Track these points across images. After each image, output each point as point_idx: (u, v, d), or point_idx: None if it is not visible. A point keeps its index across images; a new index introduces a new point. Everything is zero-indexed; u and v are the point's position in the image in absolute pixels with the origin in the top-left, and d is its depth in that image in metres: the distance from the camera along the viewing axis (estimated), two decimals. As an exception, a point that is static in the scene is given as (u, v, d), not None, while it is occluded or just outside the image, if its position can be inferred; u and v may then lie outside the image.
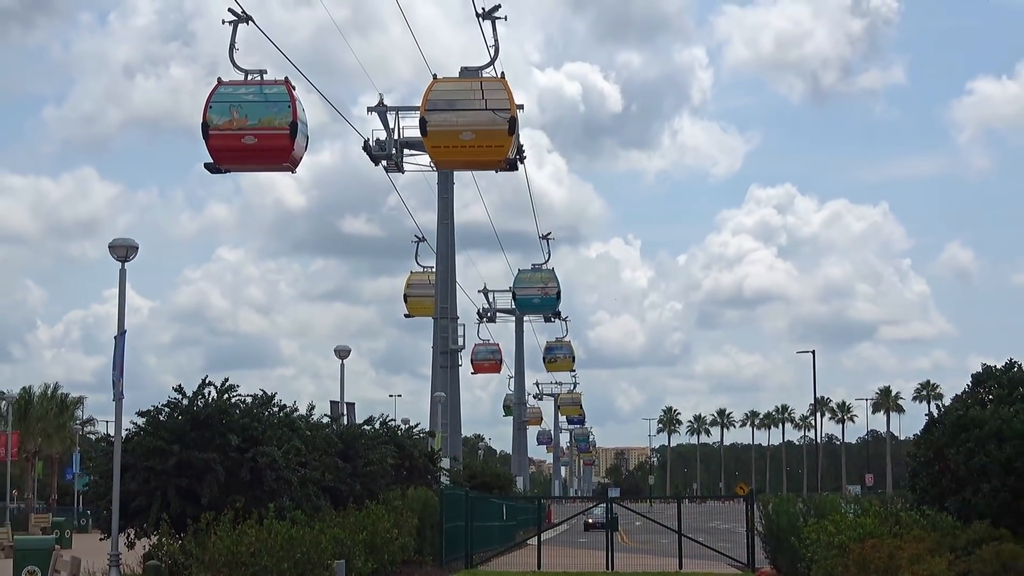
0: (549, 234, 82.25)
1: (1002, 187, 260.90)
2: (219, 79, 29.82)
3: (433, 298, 59.95)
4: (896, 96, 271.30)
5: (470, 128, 42.29)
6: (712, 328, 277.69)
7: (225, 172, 31.91)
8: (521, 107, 50.41)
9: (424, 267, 67.66)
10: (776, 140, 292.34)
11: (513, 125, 43.20)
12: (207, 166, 30.67)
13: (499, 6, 44.96)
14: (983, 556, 17.11)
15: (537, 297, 79.12)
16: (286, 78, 29.34)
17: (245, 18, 29.33)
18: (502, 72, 45.08)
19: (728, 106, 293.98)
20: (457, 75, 44.56)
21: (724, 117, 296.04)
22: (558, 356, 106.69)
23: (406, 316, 70.10)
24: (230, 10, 29.59)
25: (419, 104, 53.77)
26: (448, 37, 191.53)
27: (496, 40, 45.96)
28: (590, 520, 61.18)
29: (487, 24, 44.44)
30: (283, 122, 28.85)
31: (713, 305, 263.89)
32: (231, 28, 29.82)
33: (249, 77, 29.74)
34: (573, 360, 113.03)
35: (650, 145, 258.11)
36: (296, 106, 29.15)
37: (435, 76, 43.68)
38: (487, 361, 79.39)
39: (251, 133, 29.03)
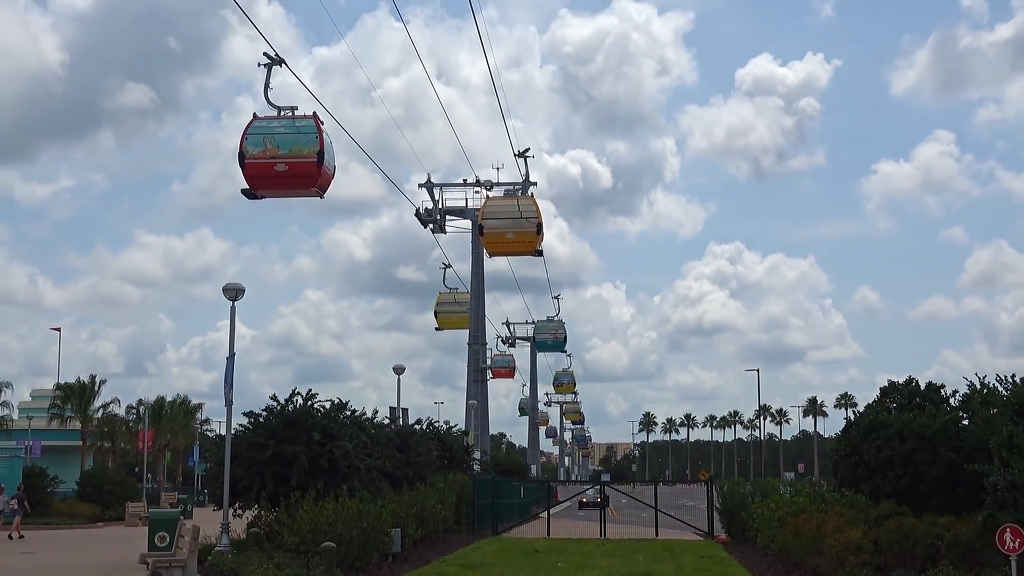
0: (559, 295, 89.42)
1: (901, 244, 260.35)
2: (254, 114, 26.12)
3: (457, 314, 60.22)
4: (819, 175, 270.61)
5: (511, 230, 48.89)
6: (680, 351, 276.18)
7: (261, 198, 27.58)
8: (535, 183, 53.13)
9: (450, 289, 63.68)
10: (728, 208, 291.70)
11: (540, 228, 49.28)
12: (244, 192, 26.92)
13: (528, 148, 51.55)
14: (889, 527, 16.98)
15: (550, 340, 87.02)
16: (314, 113, 25.44)
17: (278, 61, 25.47)
18: (532, 192, 50.33)
19: (692, 183, 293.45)
20: (502, 194, 51.64)
21: (689, 191, 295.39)
22: (563, 382, 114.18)
23: (437, 329, 66.11)
24: (265, 54, 25.58)
25: (458, 181, 55.91)
26: (477, 130, 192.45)
27: (527, 171, 51.55)
28: (584, 500, 60.19)
29: (521, 160, 51.94)
30: (311, 151, 25.10)
31: (680, 334, 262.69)
32: (265, 70, 25.76)
33: (281, 113, 25.95)
34: (574, 384, 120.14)
35: (633, 212, 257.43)
36: (323, 137, 25.32)
37: (488, 196, 50.31)
38: (503, 368, 78.92)
39: (283, 161, 25.32)
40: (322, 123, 25.08)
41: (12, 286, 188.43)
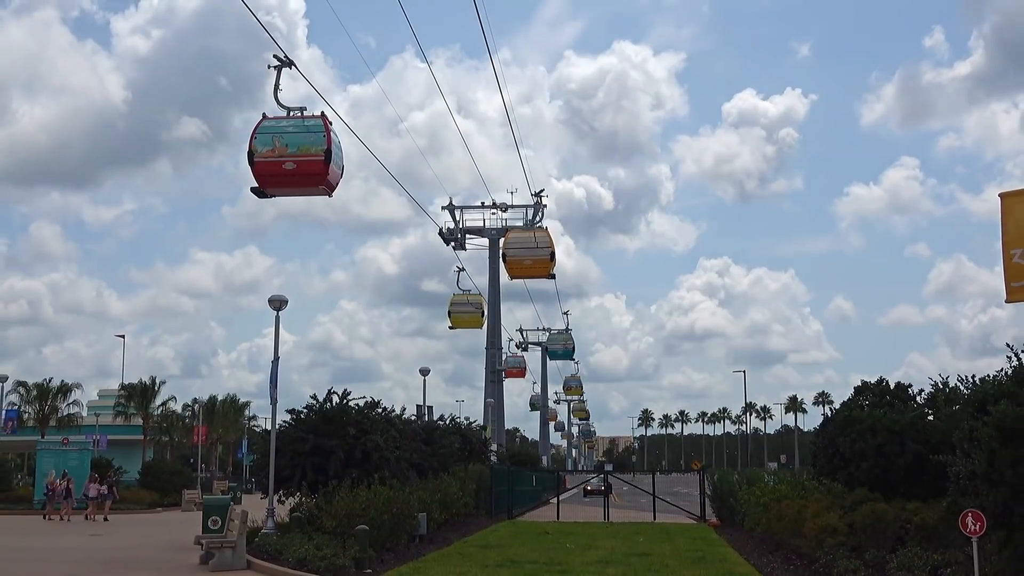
0: (568, 311, 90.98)
1: (871, 258, 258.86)
2: (264, 114, 23.54)
3: (469, 314, 58.97)
4: (797, 197, 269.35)
5: (529, 257, 51.50)
6: (674, 355, 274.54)
7: (270, 196, 24.81)
8: (545, 205, 54.00)
9: (463, 291, 58.68)
10: (717, 227, 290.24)
11: (552, 256, 51.37)
12: (253, 190, 24.20)
13: (543, 189, 55.67)
14: (863, 512, 16.89)
15: (561, 350, 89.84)
16: (322, 113, 23.01)
17: (288, 63, 23.05)
18: (546, 226, 53.86)
19: (684, 204, 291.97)
20: (520, 223, 54.49)
21: (682, 212, 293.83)
22: (572, 386, 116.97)
23: (450, 328, 60.20)
24: (275, 56, 23.03)
25: (476, 204, 56.50)
26: (493, 158, 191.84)
27: (541, 207, 53.16)
28: (589, 487, 59.56)
29: (536, 199, 54.11)
30: (319, 149, 22.69)
31: (674, 339, 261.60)
32: (275, 72, 23.04)
33: (290, 113, 23.42)
34: (582, 388, 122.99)
35: (632, 231, 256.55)
36: (330, 136, 22.87)
37: (508, 228, 51.84)
38: (515, 368, 78.51)
39: (291, 159, 22.85)
40: (330, 123, 23.16)
41: (81, 298, 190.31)
